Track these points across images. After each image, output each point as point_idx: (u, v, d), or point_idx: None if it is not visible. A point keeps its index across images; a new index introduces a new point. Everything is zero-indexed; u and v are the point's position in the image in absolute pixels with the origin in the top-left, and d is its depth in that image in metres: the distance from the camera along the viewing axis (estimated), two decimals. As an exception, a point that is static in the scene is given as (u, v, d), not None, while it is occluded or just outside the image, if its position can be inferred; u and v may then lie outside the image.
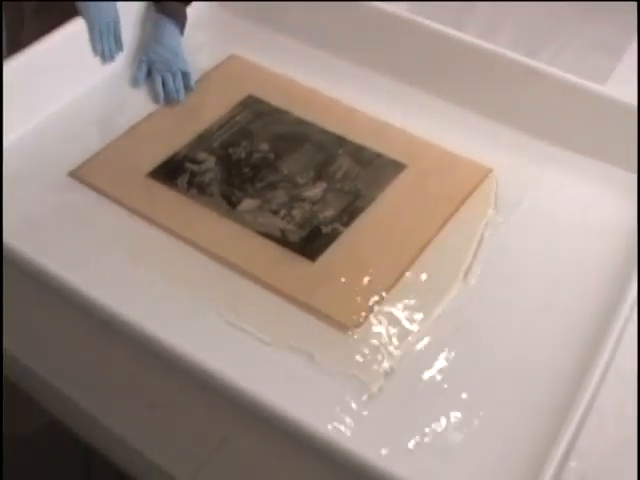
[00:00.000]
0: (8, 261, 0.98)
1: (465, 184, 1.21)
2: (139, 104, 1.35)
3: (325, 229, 1.13)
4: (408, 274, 1.07)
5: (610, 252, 1.12)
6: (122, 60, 1.41)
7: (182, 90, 1.36)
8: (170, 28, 1.39)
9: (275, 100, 1.35)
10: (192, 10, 1.45)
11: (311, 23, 1.46)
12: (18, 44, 1.43)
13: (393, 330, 1.01)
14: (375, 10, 1.41)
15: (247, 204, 1.16)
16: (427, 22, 1.37)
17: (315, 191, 1.19)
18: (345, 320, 1.01)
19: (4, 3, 1.42)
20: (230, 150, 1.26)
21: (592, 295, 1.05)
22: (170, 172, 1.21)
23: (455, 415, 0.92)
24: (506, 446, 0.89)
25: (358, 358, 0.98)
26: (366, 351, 0.98)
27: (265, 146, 1.26)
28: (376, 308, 1.03)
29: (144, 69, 1.38)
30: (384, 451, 0.85)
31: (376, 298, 1.04)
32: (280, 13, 1.49)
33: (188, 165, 1.23)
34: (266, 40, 1.48)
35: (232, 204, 1.16)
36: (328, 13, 1.44)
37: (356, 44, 1.42)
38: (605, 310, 1.01)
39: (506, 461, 0.87)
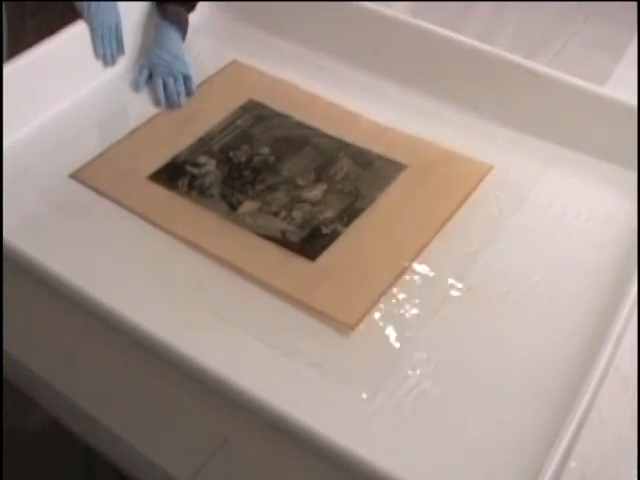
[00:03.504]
0: (9, 261, 0.98)
1: (466, 182, 1.22)
2: (140, 108, 1.35)
3: (325, 229, 1.13)
4: (409, 273, 1.07)
5: (611, 251, 1.12)
6: (123, 64, 1.41)
7: (183, 93, 1.36)
8: (172, 33, 1.40)
9: (276, 104, 1.36)
10: (194, 15, 1.46)
11: (313, 28, 1.46)
12: (19, 43, 1.44)
13: (393, 330, 1.01)
14: (375, 14, 1.41)
15: (247, 206, 1.16)
16: (427, 25, 1.38)
17: (315, 192, 1.19)
18: (345, 320, 1.01)
19: (4, 3, 1.42)
20: (231, 154, 1.26)
21: (592, 295, 1.05)
22: (171, 175, 1.22)
23: (455, 416, 0.92)
24: (506, 446, 0.88)
25: (358, 358, 0.97)
26: (366, 351, 0.98)
27: (265, 149, 1.27)
28: (376, 308, 1.03)
29: (145, 73, 1.39)
30: (384, 451, 0.85)
31: (376, 298, 1.04)
32: (282, 18, 1.50)
33: (189, 168, 1.23)
34: (268, 45, 1.48)
35: (232, 206, 1.16)
36: (330, 18, 1.45)
37: (358, 48, 1.43)
38: (605, 309, 1.01)
39: (506, 461, 0.87)
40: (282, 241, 1.11)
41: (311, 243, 1.11)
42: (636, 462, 0.88)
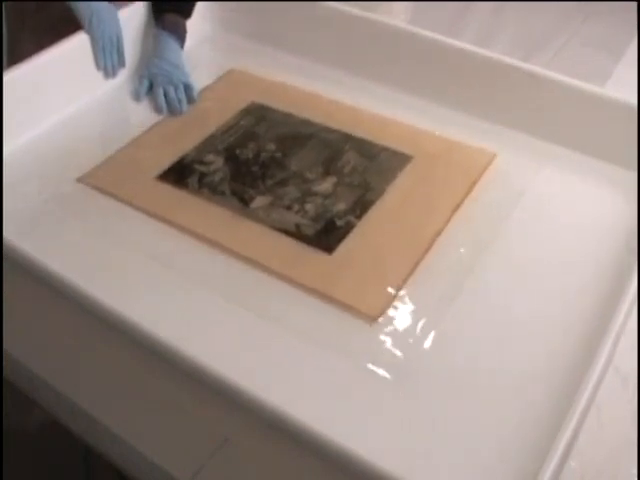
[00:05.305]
0: (9, 261, 0.98)
1: (472, 169, 1.23)
2: (142, 116, 1.36)
3: (339, 222, 1.14)
4: (423, 262, 1.08)
5: (611, 250, 1.12)
6: (123, 74, 1.43)
7: (184, 100, 1.37)
8: (170, 42, 1.41)
9: (278, 105, 1.38)
10: (192, 28, 1.47)
11: (310, 39, 1.48)
12: (19, 43, 1.44)
13: (410, 320, 1.00)
14: (372, 22, 1.43)
15: (259, 201, 1.17)
16: (426, 33, 1.39)
17: (325, 185, 1.20)
18: (366, 310, 1.01)
19: (4, 3, 1.42)
20: (237, 151, 1.27)
21: (591, 293, 1.05)
22: (179, 174, 1.23)
23: (455, 415, 0.92)
24: (505, 446, 0.88)
25: (377, 348, 0.97)
26: (385, 341, 0.98)
27: (272, 146, 1.28)
28: (395, 297, 1.03)
29: (145, 84, 1.40)
30: (384, 451, 0.85)
31: (394, 287, 1.04)
32: (280, 30, 1.52)
33: (197, 167, 1.24)
34: (266, 56, 1.51)
35: (244, 202, 1.17)
36: (326, 28, 1.46)
37: (358, 57, 1.45)
38: (604, 309, 1.00)
39: (505, 461, 0.87)
40: (297, 234, 1.12)
41: (327, 236, 1.12)
42: (636, 462, 0.88)
